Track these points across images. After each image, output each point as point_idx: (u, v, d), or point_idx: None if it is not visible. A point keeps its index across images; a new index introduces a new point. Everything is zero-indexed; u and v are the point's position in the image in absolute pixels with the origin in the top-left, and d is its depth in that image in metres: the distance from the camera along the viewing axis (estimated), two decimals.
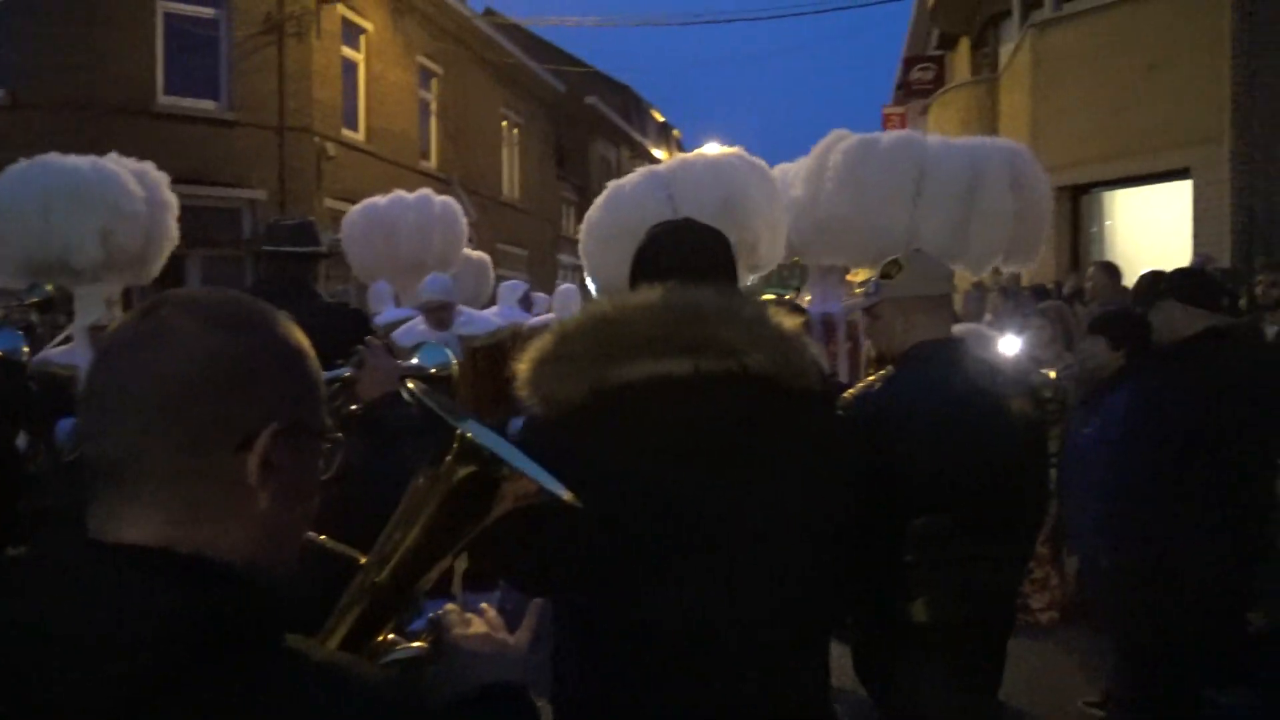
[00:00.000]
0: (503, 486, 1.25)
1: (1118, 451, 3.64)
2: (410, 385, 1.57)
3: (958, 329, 3.46)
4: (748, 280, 6.50)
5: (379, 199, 9.35)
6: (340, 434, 1.86)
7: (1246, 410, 3.42)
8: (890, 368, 2.78)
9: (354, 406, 2.22)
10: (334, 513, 1.43)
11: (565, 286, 9.08)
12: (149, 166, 6.18)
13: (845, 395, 2.76)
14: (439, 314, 6.25)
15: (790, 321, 1.84)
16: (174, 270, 7.69)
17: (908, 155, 6.65)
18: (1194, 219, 10.70)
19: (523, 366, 1.84)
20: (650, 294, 1.79)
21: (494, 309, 7.80)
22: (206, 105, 14.17)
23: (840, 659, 2.46)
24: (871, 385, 2.74)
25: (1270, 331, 5.17)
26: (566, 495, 1.36)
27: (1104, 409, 3.93)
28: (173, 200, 6.19)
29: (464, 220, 9.65)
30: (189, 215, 6.69)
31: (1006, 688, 2.89)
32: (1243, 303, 6.05)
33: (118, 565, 0.85)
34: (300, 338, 1.00)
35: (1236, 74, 10.17)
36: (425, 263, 8.69)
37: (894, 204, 6.51)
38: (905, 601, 2.60)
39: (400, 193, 9.42)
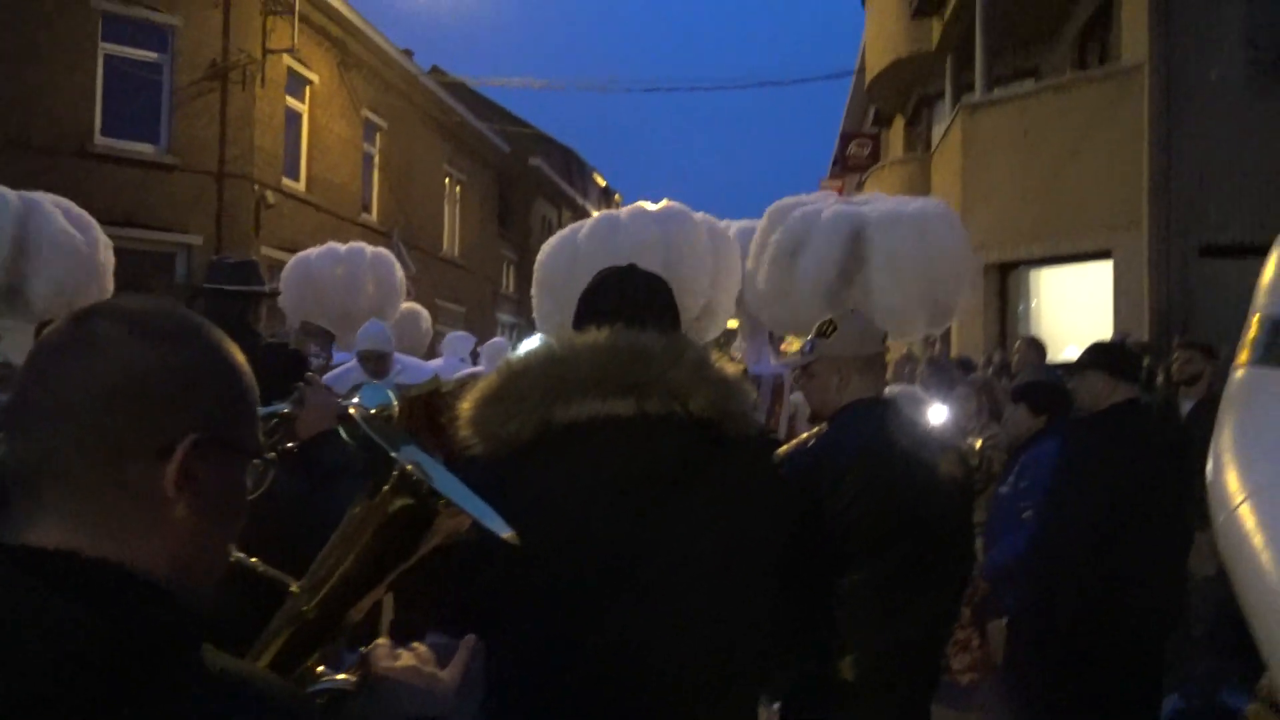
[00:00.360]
0: (438, 519, 1.25)
1: (1042, 515, 3.74)
2: (351, 412, 1.57)
3: (891, 390, 3.54)
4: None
5: (311, 252, 9.27)
6: (272, 454, 1.84)
7: (1165, 480, 3.54)
8: (824, 425, 2.84)
9: (291, 444, 2.20)
10: (268, 551, 1.42)
11: (496, 340, 9.08)
12: (82, 211, 6.07)
13: (779, 451, 2.81)
14: (375, 364, 6.19)
15: (732, 368, 1.89)
16: None
17: (843, 228, 6.85)
18: (1115, 298, 11.09)
19: (466, 405, 1.85)
20: (597, 335, 1.82)
21: (438, 360, 7.74)
22: (145, 148, 14.01)
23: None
24: (805, 442, 2.79)
25: (1185, 406, 5.37)
26: (506, 533, 1.37)
27: (1021, 464, 4.06)
28: (104, 243, 6.05)
29: (400, 270, 9.61)
30: (121, 258, 6.56)
31: None
32: (1160, 380, 6.28)
33: (14, 568, 0.82)
34: (234, 352, 0.99)
35: (1154, 162, 10.65)
36: (355, 314, 8.65)
37: (823, 276, 6.72)
38: (833, 658, 2.63)
39: (333, 244, 9.35)
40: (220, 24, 14.65)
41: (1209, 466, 1.37)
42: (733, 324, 8.24)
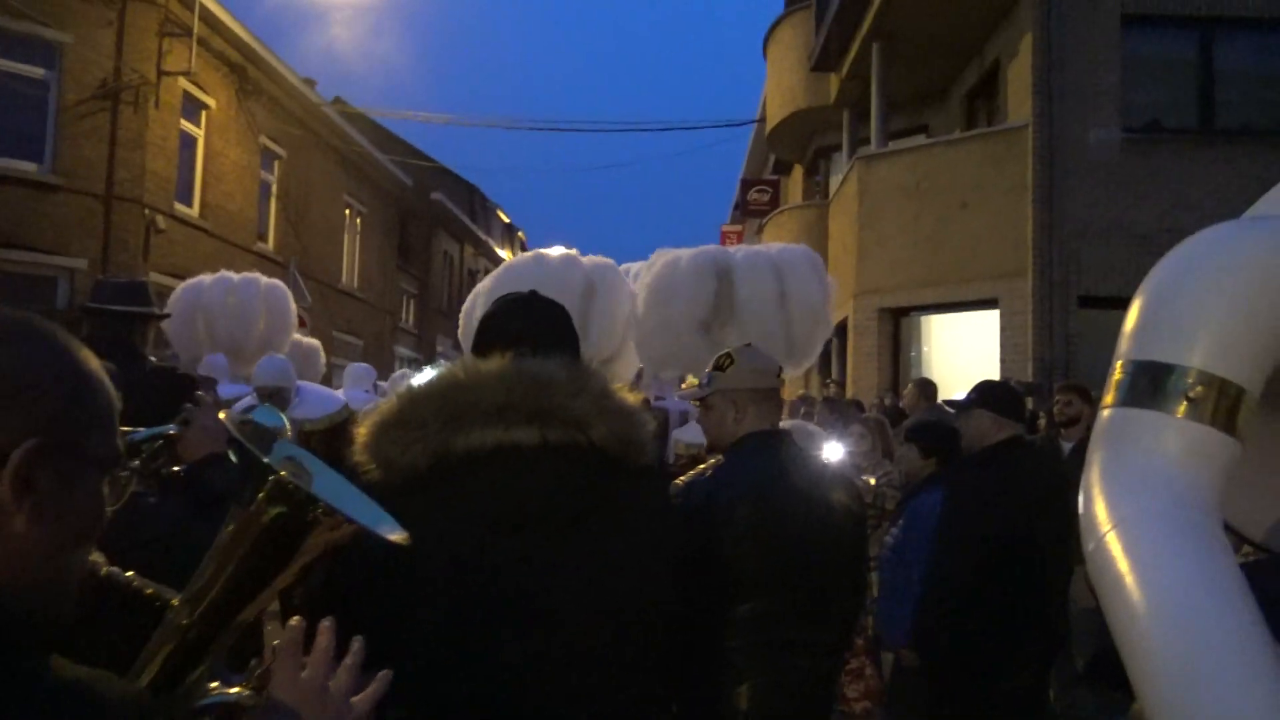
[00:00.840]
0: (317, 528, 1.23)
1: (931, 554, 3.84)
2: (221, 416, 1.53)
3: (785, 424, 3.60)
4: None
5: (204, 278, 9.04)
6: (134, 464, 1.78)
7: (1048, 515, 3.67)
8: (719, 457, 2.87)
9: (177, 468, 2.12)
10: (152, 577, 1.38)
11: (404, 371, 8.98)
12: None
13: (676, 482, 2.83)
14: (273, 400, 6.03)
15: (633, 398, 1.89)
16: None
17: (709, 269, 7.28)
18: (1001, 345, 11.53)
19: (362, 431, 1.80)
20: (501, 362, 1.79)
21: (339, 390, 7.60)
22: (27, 167, 13.43)
23: None
24: (702, 473, 2.81)
25: (1066, 447, 5.60)
26: (396, 535, 1.35)
27: (908, 512, 4.16)
28: None
29: (293, 305, 9.40)
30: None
31: None
32: (1042, 421, 6.54)
33: None
34: (84, 357, 0.95)
35: (1036, 217, 11.17)
36: (245, 347, 8.44)
37: (691, 316, 7.12)
38: (729, 688, 2.64)
39: (226, 273, 9.13)
40: (113, 43, 14.20)
41: (1080, 500, 1.46)
42: None
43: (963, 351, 12.64)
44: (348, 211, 23.69)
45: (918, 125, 15.40)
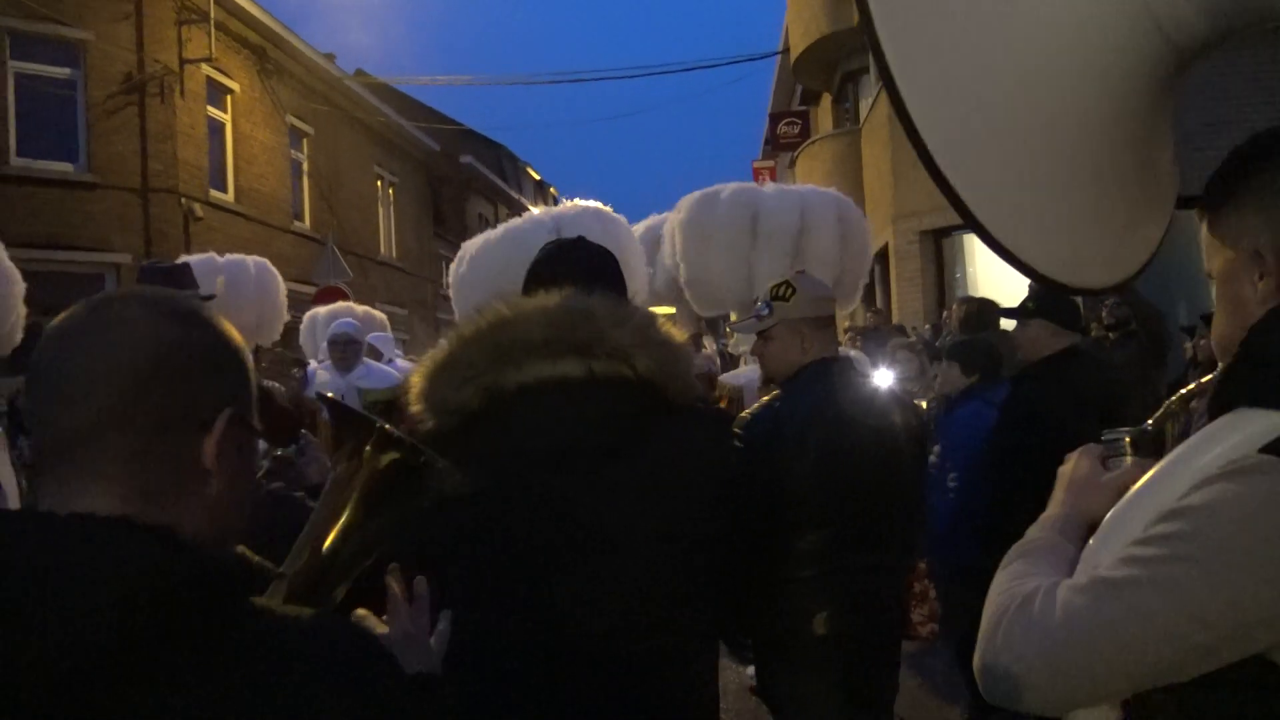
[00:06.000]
0: (424, 475, 1.28)
1: (977, 465, 3.80)
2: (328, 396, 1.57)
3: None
4: None
5: (190, 258, 8.90)
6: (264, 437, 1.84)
7: (1102, 424, 3.63)
8: (780, 389, 2.86)
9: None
10: None
11: (379, 334, 8.97)
12: None
13: (742, 415, 2.83)
14: (344, 349, 6.13)
15: (678, 333, 1.88)
16: (32, 340, 7.26)
17: (744, 203, 7.56)
18: None
19: (415, 379, 1.83)
20: (545, 298, 1.80)
21: (407, 363, 7.72)
22: (63, 167, 13.60)
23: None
24: (768, 405, 2.80)
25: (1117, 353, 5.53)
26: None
27: (942, 426, 4.14)
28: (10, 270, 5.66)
29: (282, 286, 9.31)
30: (47, 281, 6.35)
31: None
32: (1094, 328, 6.46)
33: (79, 534, 0.85)
34: (238, 336, 1.04)
35: None
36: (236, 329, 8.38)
37: (733, 251, 7.36)
38: (805, 616, 2.67)
39: (211, 255, 9.07)
40: (133, 36, 14.26)
41: None
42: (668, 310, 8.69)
43: (1008, 268, 12.44)
44: (379, 183, 23.75)
45: None
